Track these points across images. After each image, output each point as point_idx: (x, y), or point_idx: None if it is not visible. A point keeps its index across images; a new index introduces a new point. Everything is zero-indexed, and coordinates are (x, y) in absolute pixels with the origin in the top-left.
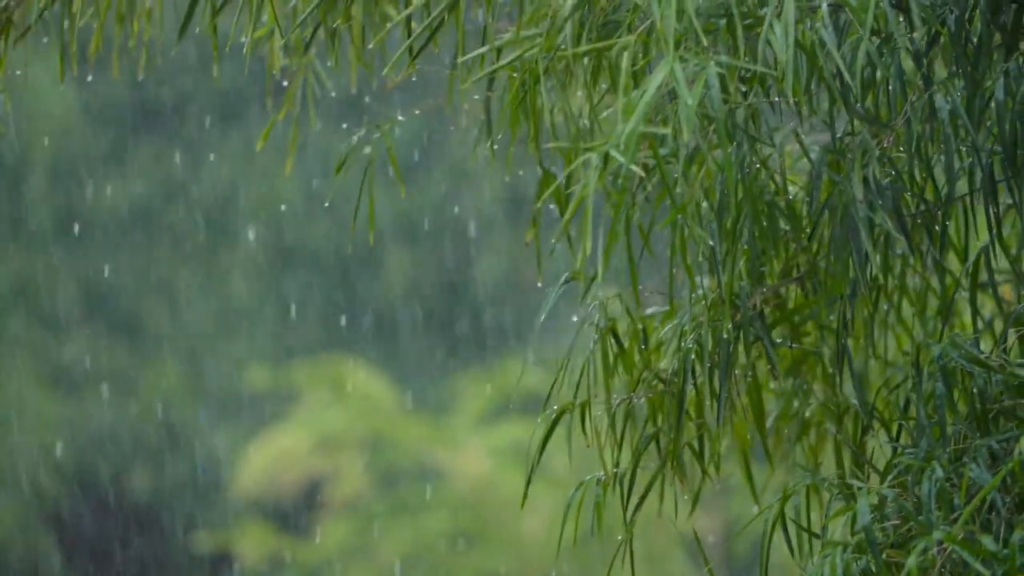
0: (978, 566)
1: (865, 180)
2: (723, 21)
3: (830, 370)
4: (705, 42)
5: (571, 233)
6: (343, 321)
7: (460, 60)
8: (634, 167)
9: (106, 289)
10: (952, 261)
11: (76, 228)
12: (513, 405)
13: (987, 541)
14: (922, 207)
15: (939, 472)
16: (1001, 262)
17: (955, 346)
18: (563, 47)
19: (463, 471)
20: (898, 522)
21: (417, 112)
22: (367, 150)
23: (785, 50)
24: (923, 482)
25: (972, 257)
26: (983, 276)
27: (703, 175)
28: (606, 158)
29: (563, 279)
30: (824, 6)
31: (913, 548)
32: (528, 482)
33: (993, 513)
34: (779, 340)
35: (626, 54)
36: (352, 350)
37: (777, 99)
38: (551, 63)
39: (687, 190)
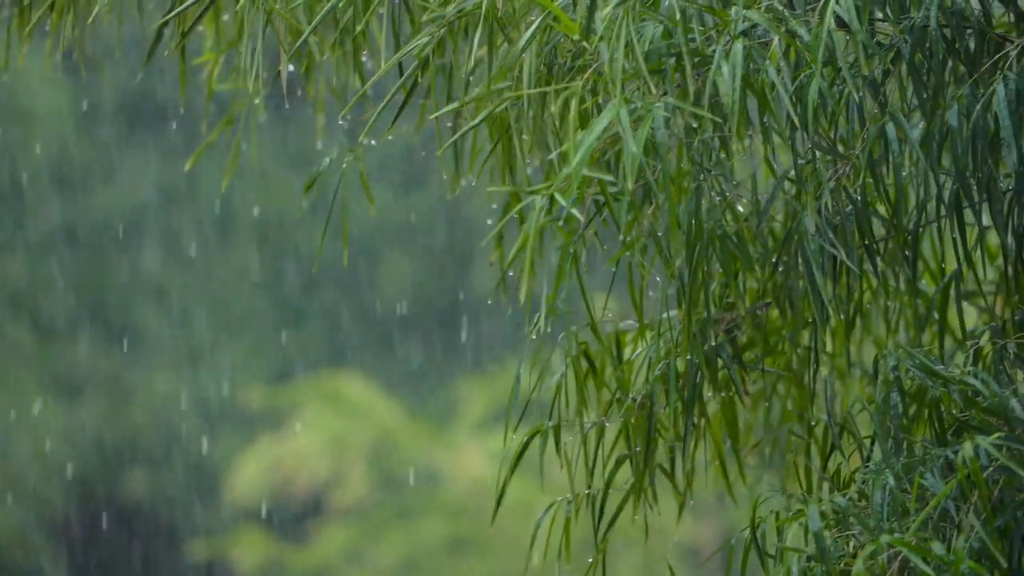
0: (927, 569)
1: (819, 211)
2: (672, 60)
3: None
4: (654, 89)
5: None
6: (342, 328)
7: (432, 116)
8: (575, 212)
9: (104, 295)
10: (928, 282)
11: (74, 235)
12: (512, 411)
13: (935, 546)
14: (892, 232)
15: (891, 481)
16: (974, 283)
17: (910, 357)
18: (523, 94)
19: (462, 476)
20: (859, 532)
21: (390, 138)
22: (348, 160)
23: (731, 91)
24: (875, 491)
25: (944, 282)
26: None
27: (652, 212)
28: (551, 200)
29: (536, 317)
30: (777, 42)
31: (862, 554)
32: (497, 505)
33: (948, 521)
34: (752, 362)
35: (573, 101)
36: (351, 357)
37: (728, 134)
38: (521, 110)
39: (638, 229)
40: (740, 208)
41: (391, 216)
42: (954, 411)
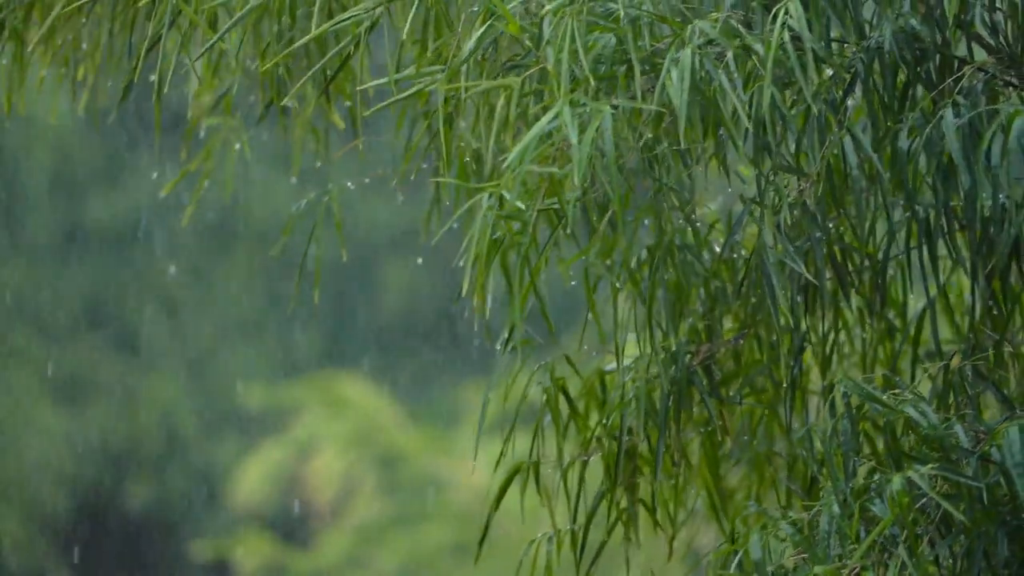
0: None
1: (778, 226)
2: (623, 68)
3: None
4: (592, 82)
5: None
6: (343, 334)
7: (358, 89)
8: (520, 204)
9: (106, 301)
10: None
11: (77, 239)
12: (516, 418)
13: None
14: (865, 262)
15: (835, 508)
16: (943, 328)
17: (856, 386)
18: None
19: (465, 482)
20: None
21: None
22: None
23: (680, 93)
24: (821, 518)
25: (915, 313)
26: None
27: (606, 221)
28: (501, 200)
29: (505, 340)
30: (730, 54)
31: None
32: (483, 539)
33: (896, 547)
34: (731, 394)
35: (503, 96)
36: (352, 363)
37: (682, 147)
38: (459, 101)
39: (594, 236)
40: (715, 246)
41: (394, 219)
42: (897, 440)
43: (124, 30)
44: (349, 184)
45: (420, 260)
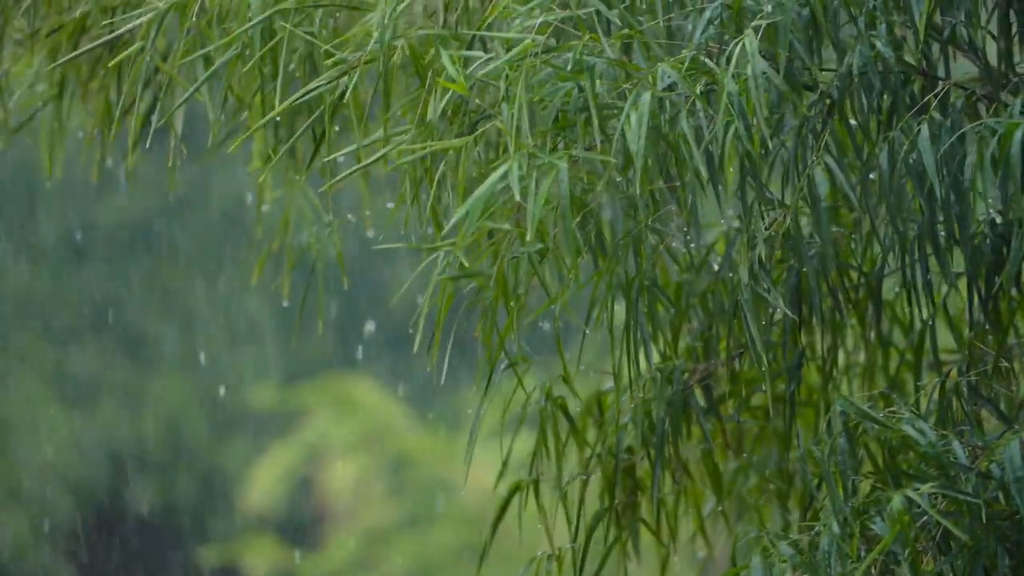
0: None
1: (756, 261)
2: (583, 116)
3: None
4: (531, 140)
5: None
6: (351, 336)
7: (325, 160)
8: (464, 262)
9: (113, 303)
10: (896, 332)
11: (83, 241)
12: (520, 421)
13: None
14: (861, 278)
15: (835, 528)
16: (944, 339)
17: (851, 404)
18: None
19: (473, 485)
20: None
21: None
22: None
23: (638, 140)
24: (822, 538)
25: (917, 332)
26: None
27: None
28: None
29: (503, 366)
30: (698, 90)
31: None
32: (483, 557)
33: (897, 565)
34: (729, 415)
35: (460, 155)
36: (362, 364)
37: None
38: (429, 162)
39: (564, 286)
40: (714, 265)
41: (403, 221)
42: (895, 458)
43: (111, 82)
44: (350, 216)
45: (417, 269)
